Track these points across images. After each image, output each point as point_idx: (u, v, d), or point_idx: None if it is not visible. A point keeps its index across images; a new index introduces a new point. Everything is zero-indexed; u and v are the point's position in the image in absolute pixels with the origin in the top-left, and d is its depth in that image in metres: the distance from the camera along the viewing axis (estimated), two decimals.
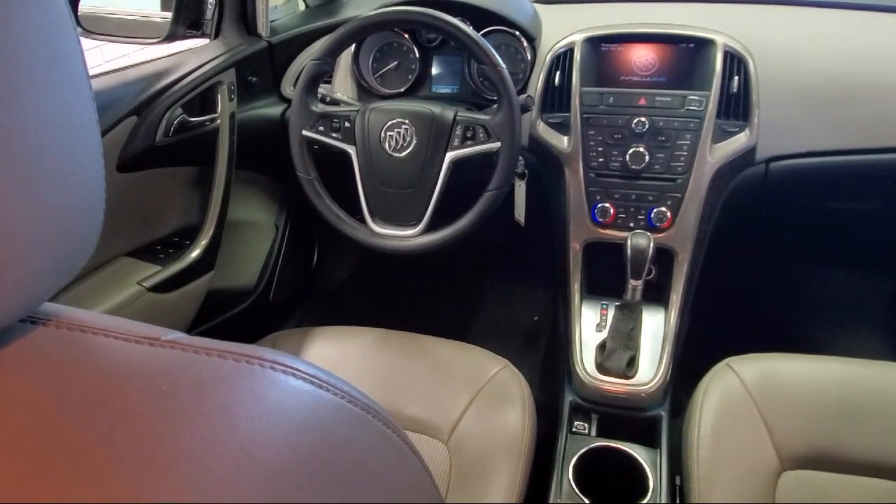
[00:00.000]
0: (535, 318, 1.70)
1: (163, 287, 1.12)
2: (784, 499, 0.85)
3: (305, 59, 1.31)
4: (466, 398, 0.99)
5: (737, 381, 0.94)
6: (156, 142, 1.09)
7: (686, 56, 1.15)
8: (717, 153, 1.10)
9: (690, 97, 1.11)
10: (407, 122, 1.07)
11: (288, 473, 0.28)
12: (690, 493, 0.85)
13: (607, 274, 1.17)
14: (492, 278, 1.85)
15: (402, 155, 1.08)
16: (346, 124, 1.11)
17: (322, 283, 1.81)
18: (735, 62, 1.12)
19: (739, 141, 1.11)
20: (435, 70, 1.31)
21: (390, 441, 0.36)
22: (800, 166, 1.13)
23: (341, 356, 1.09)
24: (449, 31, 1.01)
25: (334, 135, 1.11)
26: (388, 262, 1.86)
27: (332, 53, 1.08)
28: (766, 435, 0.89)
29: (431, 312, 1.76)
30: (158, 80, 1.11)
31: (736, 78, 1.11)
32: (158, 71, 1.12)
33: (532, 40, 1.23)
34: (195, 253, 1.18)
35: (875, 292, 1.62)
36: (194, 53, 1.21)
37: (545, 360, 1.55)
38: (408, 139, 1.07)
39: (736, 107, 1.11)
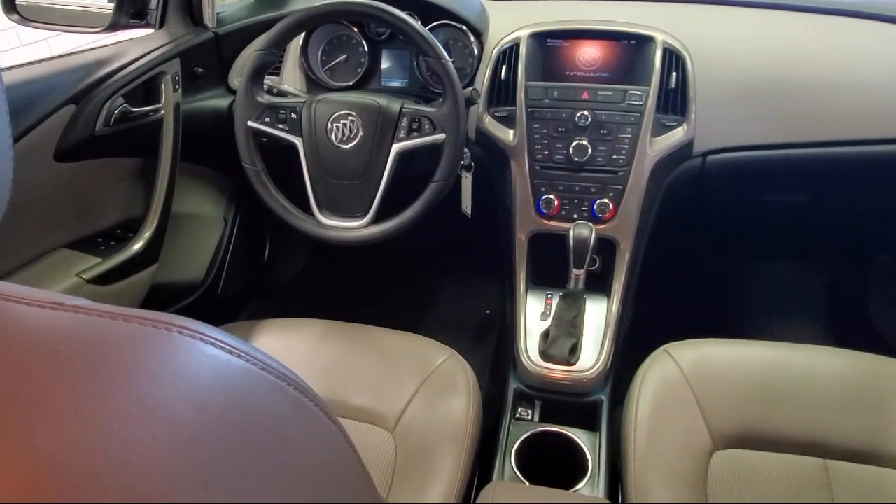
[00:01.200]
0: (487, 312, 1.72)
1: (103, 279, 1.09)
2: (715, 477, 0.88)
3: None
4: (413, 387, 1.00)
5: (674, 366, 0.97)
6: (95, 131, 1.07)
7: (628, 53, 1.19)
8: (656, 146, 1.14)
9: (631, 92, 1.14)
10: (353, 113, 1.08)
11: (192, 433, 0.28)
12: (627, 474, 0.87)
13: (553, 265, 1.20)
14: (446, 272, 1.86)
15: (348, 146, 1.08)
16: (293, 115, 1.10)
17: (274, 277, 1.80)
18: (673, 59, 1.15)
19: (677, 135, 1.15)
20: (384, 64, 1.31)
21: (306, 409, 0.36)
22: (734, 160, 1.17)
23: (287, 348, 1.08)
24: (393, 23, 1.02)
25: (280, 126, 1.11)
26: (342, 256, 1.86)
27: (278, 44, 1.08)
28: (699, 417, 0.92)
29: (385, 306, 1.77)
30: (99, 68, 1.09)
31: (674, 74, 1.15)
32: (99, 59, 1.10)
33: (479, 35, 1.25)
34: (138, 245, 1.16)
35: (808, 281, 1.69)
36: (137, 43, 1.19)
37: (496, 351, 1.57)
38: (354, 131, 1.08)
39: (674, 102, 1.15)
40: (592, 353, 1.12)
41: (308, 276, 1.86)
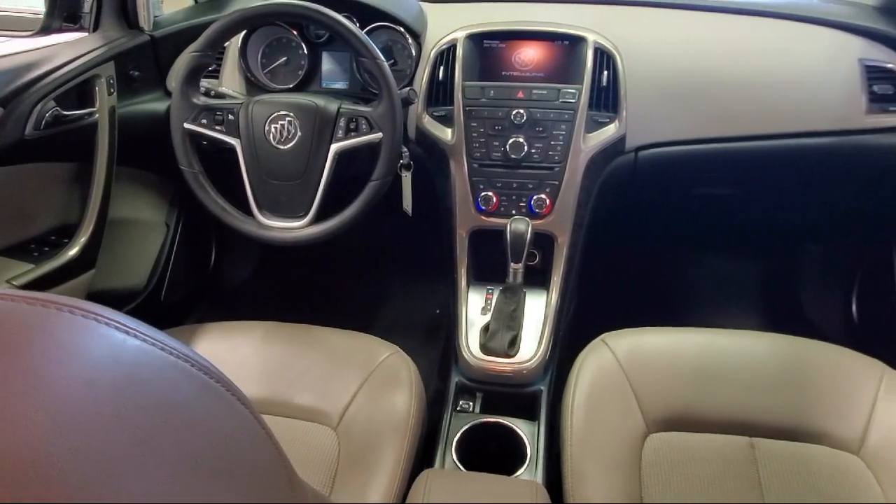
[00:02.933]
0: (437, 311, 1.74)
1: (36, 285, 1.07)
2: (649, 459, 0.91)
3: None
4: (356, 384, 1.01)
5: (610, 354, 1.00)
6: (25, 135, 1.05)
7: (561, 53, 1.22)
8: (590, 142, 1.18)
9: (564, 90, 1.18)
10: (291, 114, 1.08)
11: (79, 406, 0.28)
12: (564, 460, 0.90)
13: (494, 260, 1.22)
14: (396, 272, 1.88)
15: (286, 147, 1.09)
16: (230, 117, 1.10)
17: (222, 282, 1.78)
18: (604, 58, 1.19)
19: (610, 131, 1.19)
20: (325, 66, 1.32)
21: (211, 389, 0.37)
22: (665, 154, 1.22)
23: (230, 350, 1.08)
24: (327, 23, 1.03)
25: (218, 128, 1.10)
26: (292, 259, 1.86)
27: (212, 45, 1.08)
28: (634, 402, 0.95)
29: (335, 308, 1.77)
30: (28, 71, 1.07)
31: (605, 73, 1.19)
32: (28, 62, 1.08)
33: (417, 37, 1.27)
34: (73, 251, 1.14)
35: (742, 270, 1.76)
36: (69, 46, 1.17)
37: (444, 349, 1.58)
38: (292, 131, 1.08)
39: (606, 99, 1.19)
40: (532, 345, 1.14)
41: (257, 280, 1.85)
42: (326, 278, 1.88)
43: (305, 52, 1.30)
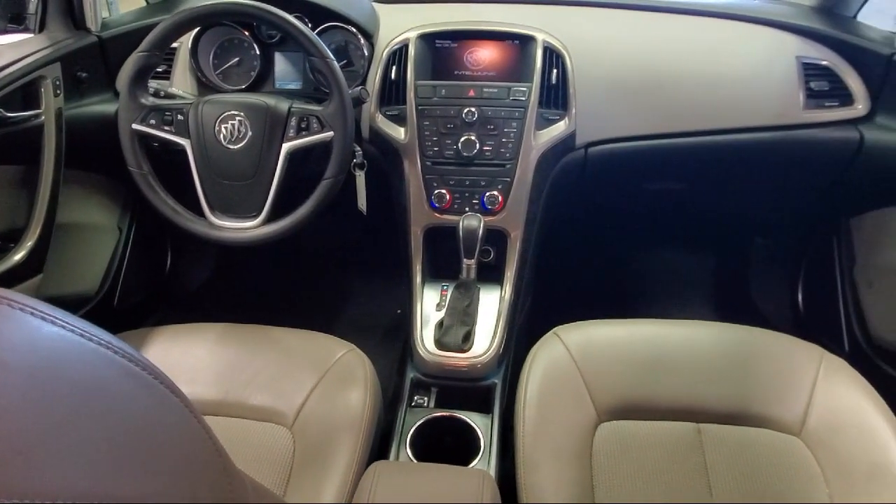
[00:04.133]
0: (399, 311, 1.74)
1: None
2: (599, 447, 0.93)
3: None
4: (311, 383, 1.01)
5: (562, 347, 1.02)
6: None
7: (512, 52, 1.24)
8: (540, 139, 1.20)
9: (515, 88, 1.20)
10: (241, 114, 1.08)
11: None
12: (517, 451, 0.91)
13: (449, 257, 1.23)
14: (357, 273, 1.88)
15: (237, 147, 1.08)
16: (179, 117, 1.10)
17: (178, 286, 1.76)
18: (553, 57, 1.22)
19: (560, 128, 1.21)
20: (278, 66, 1.32)
21: (133, 374, 0.37)
22: (614, 150, 1.25)
23: (184, 353, 1.07)
24: (276, 22, 1.03)
25: (167, 128, 1.10)
26: (251, 261, 1.85)
27: (159, 45, 1.07)
28: (585, 393, 0.97)
29: (295, 309, 1.76)
30: None
31: (555, 71, 1.21)
32: None
33: (370, 37, 1.28)
34: (19, 255, 1.12)
35: (693, 263, 1.81)
36: (13, 47, 1.15)
37: (404, 348, 1.59)
38: (242, 131, 1.08)
39: (556, 97, 1.21)
40: (486, 339, 1.16)
41: (215, 283, 1.83)
42: (286, 280, 1.87)
43: (257, 52, 1.29)
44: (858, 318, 1.38)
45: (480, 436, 1.03)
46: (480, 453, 1.01)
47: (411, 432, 1.03)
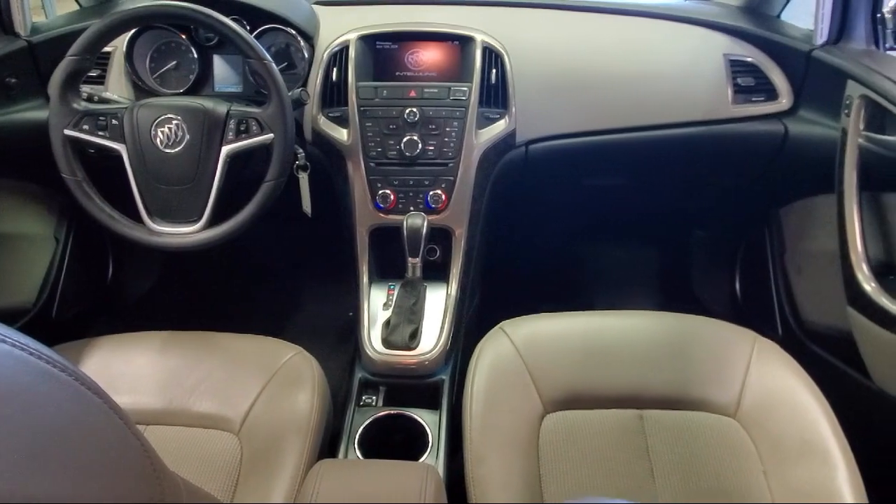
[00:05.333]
0: (350, 314, 1.74)
1: None
2: (546, 437, 0.95)
3: None
4: (258, 387, 1.00)
5: (507, 341, 1.03)
6: None
7: (451, 52, 1.26)
8: (481, 138, 1.22)
9: (455, 88, 1.21)
10: (178, 117, 1.07)
11: None
12: (465, 444, 0.92)
13: (396, 258, 1.24)
14: (306, 277, 1.86)
15: (175, 151, 1.07)
16: (114, 122, 1.07)
17: (121, 295, 1.72)
18: (493, 57, 1.24)
19: (500, 126, 1.23)
20: (217, 69, 1.30)
21: (52, 377, 0.36)
22: (554, 147, 1.28)
23: (124, 363, 1.05)
24: (211, 24, 1.02)
25: (101, 133, 1.07)
26: (198, 268, 1.81)
27: (90, 49, 1.04)
28: (531, 385, 0.99)
29: (243, 316, 1.74)
30: None
31: (494, 71, 1.23)
32: None
33: (309, 39, 1.28)
34: None
35: (637, 256, 1.86)
36: None
37: (355, 350, 1.59)
38: (180, 135, 1.07)
39: (496, 96, 1.24)
40: (433, 336, 1.17)
41: (160, 291, 1.79)
42: (234, 286, 1.84)
43: (195, 55, 1.28)
44: (790, 302, 1.45)
45: (429, 432, 1.04)
46: (429, 449, 1.02)
47: (360, 432, 1.04)
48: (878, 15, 1.14)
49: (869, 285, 1.04)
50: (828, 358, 1.27)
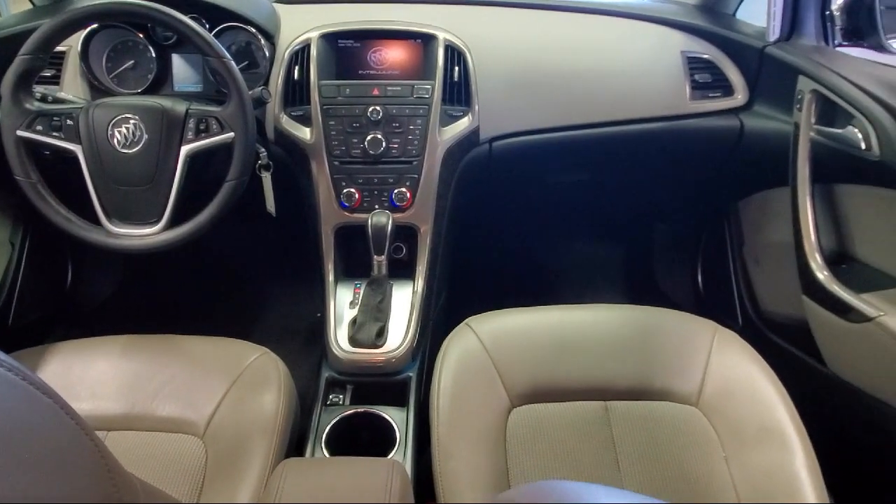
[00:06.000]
0: (318, 315, 1.73)
1: None
2: (513, 431, 0.95)
3: None
4: (222, 389, 0.99)
5: (474, 337, 1.04)
6: None
7: (414, 50, 1.26)
8: (445, 135, 1.22)
9: (418, 86, 1.22)
10: (136, 117, 1.05)
11: None
12: (433, 440, 0.92)
13: (362, 256, 1.23)
14: (274, 278, 1.84)
15: (132, 151, 1.05)
16: (69, 122, 1.05)
17: (82, 300, 1.68)
18: (455, 55, 1.24)
19: (464, 124, 1.24)
20: (176, 69, 1.28)
21: (10, 383, 0.36)
22: (517, 144, 1.29)
23: (84, 368, 1.02)
24: (167, 22, 1.01)
25: (55, 134, 1.05)
26: (160, 271, 1.78)
27: (43, 48, 1.02)
28: (497, 380, 0.99)
29: (210, 320, 1.71)
30: None
31: (457, 69, 1.24)
32: None
33: (270, 37, 1.26)
34: None
35: (602, 250, 1.89)
36: None
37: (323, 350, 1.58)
38: (137, 135, 1.05)
39: (459, 94, 1.24)
40: (400, 334, 1.17)
41: (123, 296, 1.75)
42: (199, 289, 1.81)
43: (153, 54, 1.25)
44: (749, 293, 1.48)
45: (396, 429, 1.04)
46: (396, 446, 1.02)
47: (327, 431, 1.03)
48: (827, 12, 1.17)
49: (822, 274, 1.08)
50: (785, 346, 1.31)
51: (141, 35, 1.25)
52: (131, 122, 1.05)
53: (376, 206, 1.21)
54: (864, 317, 1.00)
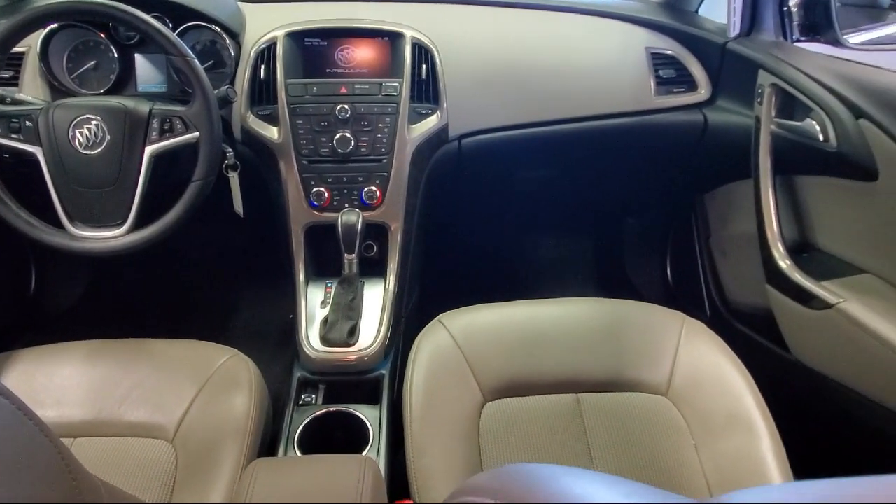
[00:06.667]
0: (291, 316, 1.71)
1: None
2: (486, 426, 0.96)
3: None
4: (192, 393, 0.97)
5: (446, 333, 1.04)
6: None
7: (381, 49, 1.26)
8: (414, 133, 1.22)
9: (386, 84, 1.21)
10: (97, 118, 1.03)
11: None
12: (406, 437, 0.92)
13: (333, 255, 1.23)
14: (245, 281, 1.82)
15: (94, 152, 1.03)
16: (28, 124, 1.03)
17: (47, 307, 1.64)
18: (423, 53, 1.25)
19: (433, 121, 1.24)
20: (140, 69, 1.26)
21: None
22: (486, 141, 1.30)
23: (49, 375, 1.00)
24: (128, 21, 0.99)
25: (14, 136, 1.03)
26: (128, 275, 1.75)
27: (0, 48, 0.99)
28: (470, 375, 1.00)
29: (181, 323, 1.69)
30: None
31: (424, 66, 1.24)
32: None
33: (235, 36, 1.25)
34: None
35: (574, 245, 1.91)
36: None
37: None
38: (100, 135, 1.03)
39: (427, 91, 1.24)
40: (372, 332, 1.17)
41: (92, 300, 1.72)
42: (169, 292, 1.79)
43: (116, 54, 1.23)
44: (716, 284, 1.51)
45: (369, 427, 1.04)
46: (370, 444, 1.02)
47: (299, 431, 1.02)
48: (785, 9, 1.20)
49: (784, 263, 1.10)
50: (751, 334, 1.34)
51: (102, 35, 1.23)
52: (93, 122, 1.03)
53: (346, 205, 1.21)
54: (825, 304, 1.03)
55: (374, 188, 1.21)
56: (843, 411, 1.09)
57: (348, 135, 1.19)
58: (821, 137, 1.04)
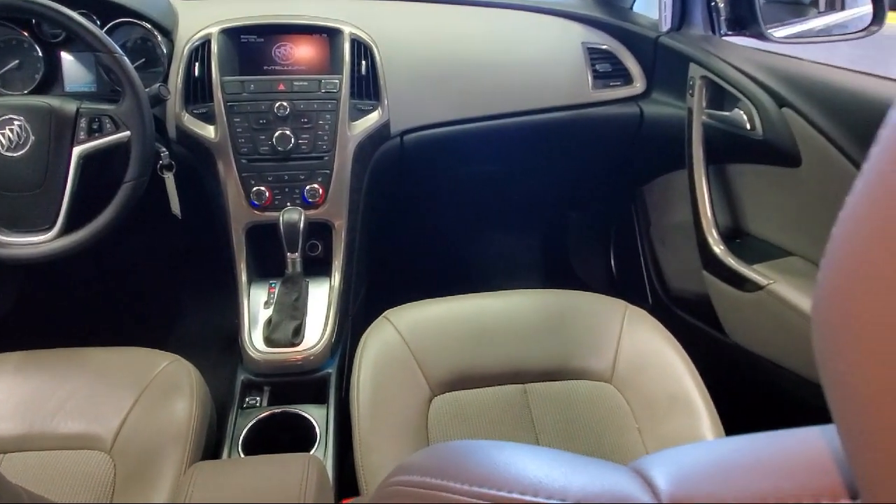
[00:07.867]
0: (236, 321, 1.68)
1: None
2: (434, 419, 0.96)
3: None
4: (130, 400, 0.94)
5: (392, 329, 1.04)
6: None
7: (320, 45, 1.25)
8: (355, 130, 1.22)
9: (326, 81, 1.20)
10: (20, 118, 0.99)
11: None
12: (354, 435, 0.92)
13: (277, 256, 1.21)
14: (189, 285, 1.78)
15: (18, 154, 0.99)
16: None
17: None
18: (362, 49, 1.24)
19: (374, 118, 1.24)
20: (67, 68, 1.21)
21: None
22: (428, 137, 1.30)
23: None
24: (50, 16, 0.96)
25: None
26: (64, 283, 1.68)
27: None
28: (417, 370, 1.00)
29: (122, 332, 1.63)
30: None
31: (364, 63, 1.23)
32: None
33: (167, 33, 1.22)
34: None
35: (516, 239, 1.93)
36: None
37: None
38: (23, 137, 0.99)
39: (367, 88, 1.24)
40: (317, 330, 1.15)
41: (22, 311, 1.64)
42: (107, 299, 1.72)
43: (40, 53, 1.18)
44: (656, 272, 1.56)
45: (316, 426, 1.02)
46: (317, 443, 1.01)
47: (244, 434, 1.00)
48: (713, 4, 1.24)
49: (718, 248, 1.14)
50: (690, 319, 1.38)
51: (25, 33, 1.17)
52: (16, 123, 0.98)
53: (288, 204, 1.19)
54: (756, 286, 1.07)
55: (316, 186, 1.19)
56: (777, 388, 1.14)
57: (288, 132, 1.17)
58: (748, 126, 1.08)
